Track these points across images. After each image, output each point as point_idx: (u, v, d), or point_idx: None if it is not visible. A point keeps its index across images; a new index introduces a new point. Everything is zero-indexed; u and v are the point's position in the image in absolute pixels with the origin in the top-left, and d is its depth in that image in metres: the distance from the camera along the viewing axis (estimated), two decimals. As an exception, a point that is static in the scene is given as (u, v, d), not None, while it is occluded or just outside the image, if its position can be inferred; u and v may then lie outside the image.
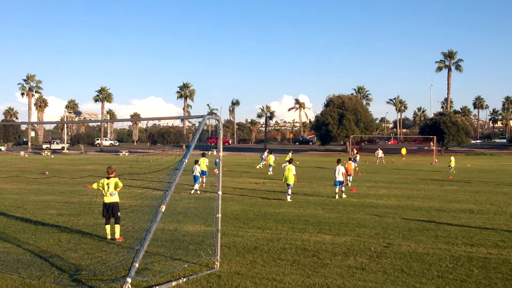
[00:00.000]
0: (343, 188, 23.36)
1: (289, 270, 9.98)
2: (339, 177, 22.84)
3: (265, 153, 49.08)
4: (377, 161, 59.96)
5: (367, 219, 16.68)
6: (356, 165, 40.85)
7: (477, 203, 21.22)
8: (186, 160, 9.08)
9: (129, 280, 8.15)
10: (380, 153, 60.99)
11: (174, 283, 8.89)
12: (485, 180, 34.11)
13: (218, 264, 10.09)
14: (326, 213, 17.89)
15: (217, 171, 10.45)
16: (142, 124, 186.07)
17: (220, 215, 10.29)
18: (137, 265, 8.30)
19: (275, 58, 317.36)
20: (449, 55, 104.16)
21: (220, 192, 10.32)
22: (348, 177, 28.83)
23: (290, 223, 15.61)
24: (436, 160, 60.81)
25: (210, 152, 41.89)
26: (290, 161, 23.29)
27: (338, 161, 24.00)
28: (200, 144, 10.60)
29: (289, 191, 21.99)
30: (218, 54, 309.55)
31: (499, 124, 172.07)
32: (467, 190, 27.01)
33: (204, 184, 27.62)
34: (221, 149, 10.36)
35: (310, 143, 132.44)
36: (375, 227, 14.97)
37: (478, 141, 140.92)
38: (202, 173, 27.19)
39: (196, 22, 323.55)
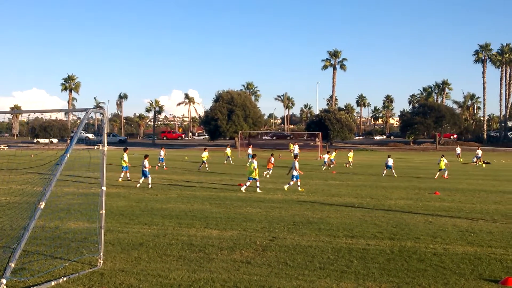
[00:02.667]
0: (292, 183, 24.69)
1: (175, 265, 9.93)
2: (294, 172, 24.63)
3: (250, 149, 47.23)
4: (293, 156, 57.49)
5: (254, 213, 16.96)
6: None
7: (358, 196, 22.25)
8: (68, 155, 8.75)
9: (4, 281, 7.70)
10: (296, 148, 57.84)
11: (53, 283, 8.54)
12: (366, 175, 35.86)
13: (102, 261, 9.82)
14: (213, 208, 17.96)
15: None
16: (23, 117, 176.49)
17: (104, 211, 10.03)
18: (13, 265, 7.86)
19: (164, 52, 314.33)
20: (335, 54, 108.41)
21: (104, 188, 10.04)
22: (268, 170, 32.38)
23: (177, 219, 15.52)
24: (321, 155, 62.56)
25: (96, 147, 40.52)
26: (253, 156, 25.67)
27: (295, 157, 26.58)
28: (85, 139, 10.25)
29: (257, 183, 23.77)
30: (105, 47, 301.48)
31: (379, 121, 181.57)
32: (349, 184, 28.25)
33: (121, 178, 27.91)
34: (106, 143, 10.07)
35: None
36: (261, 221, 15.26)
37: (361, 137, 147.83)
38: (123, 167, 27.87)
39: (81, 12, 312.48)
